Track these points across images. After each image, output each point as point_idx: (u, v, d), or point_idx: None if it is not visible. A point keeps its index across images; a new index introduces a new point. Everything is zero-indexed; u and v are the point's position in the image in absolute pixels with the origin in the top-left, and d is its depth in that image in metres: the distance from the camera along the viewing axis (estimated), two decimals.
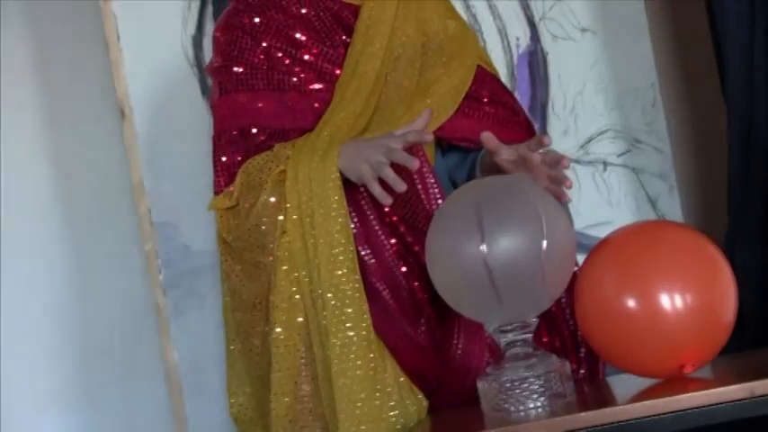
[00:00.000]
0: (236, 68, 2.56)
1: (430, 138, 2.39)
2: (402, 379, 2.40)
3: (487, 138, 2.44)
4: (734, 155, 3.07)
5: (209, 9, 3.25)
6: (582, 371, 2.53)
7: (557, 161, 2.40)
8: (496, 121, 2.64)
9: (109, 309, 3.39)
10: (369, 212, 2.44)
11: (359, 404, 2.32)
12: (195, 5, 3.27)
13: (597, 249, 2.25)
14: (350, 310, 2.34)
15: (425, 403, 2.41)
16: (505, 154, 2.46)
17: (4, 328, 3.36)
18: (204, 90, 3.19)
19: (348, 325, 2.34)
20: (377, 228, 2.44)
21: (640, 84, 3.33)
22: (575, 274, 2.31)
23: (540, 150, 2.42)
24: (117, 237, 3.38)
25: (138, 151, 3.20)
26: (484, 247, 2.14)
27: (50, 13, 3.41)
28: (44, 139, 3.42)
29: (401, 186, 2.34)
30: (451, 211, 2.23)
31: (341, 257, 2.35)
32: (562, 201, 2.40)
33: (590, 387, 2.44)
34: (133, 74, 3.20)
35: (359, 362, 2.33)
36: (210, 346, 3.08)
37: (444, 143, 2.62)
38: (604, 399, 2.34)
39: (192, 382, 3.16)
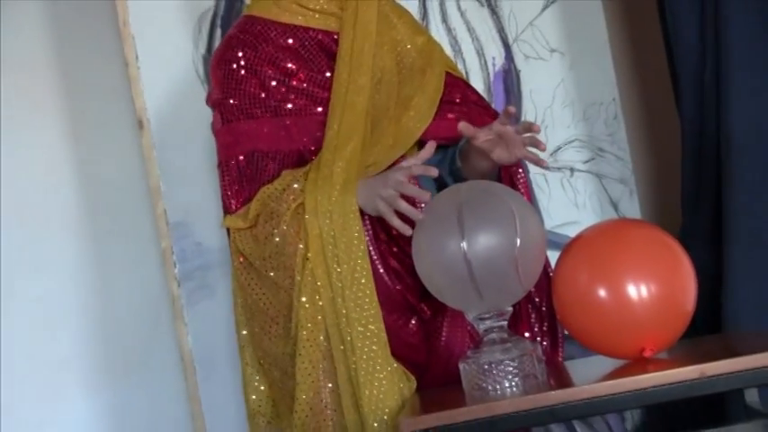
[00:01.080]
0: (234, 100, 2.55)
1: (435, 172, 2.35)
2: (395, 365, 2.40)
3: (465, 127, 2.43)
4: (687, 162, 3.08)
5: (218, 32, 3.24)
6: (545, 342, 2.54)
7: (528, 127, 2.40)
8: (470, 118, 2.60)
9: (129, 300, 3.39)
10: (365, 236, 2.42)
11: (386, 410, 2.33)
12: (205, 28, 3.26)
13: (572, 245, 2.27)
14: (372, 327, 2.35)
15: (414, 384, 2.42)
16: (482, 136, 2.44)
17: (36, 318, 3.37)
18: None
19: (375, 340, 2.35)
20: (370, 248, 2.43)
21: (603, 99, 3.31)
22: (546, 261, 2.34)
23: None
24: (136, 235, 3.37)
25: (155, 158, 3.18)
26: (464, 244, 2.16)
27: (75, 36, 3.40)
28: (70, 148, 3.41)
29: (418, 215, 2.31)
30: (435, 212, 2.25)
31: (363, 281, 2.36)
32: (542, 165, 2.40)
33: (559, 369, 2.45)
34: (150, 89, 3.20)
35: (384, 373, 2.34)
36: (221, 333, 3.08)
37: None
38: (572, 379, 2.36)
39: (204, 365, 3.15)
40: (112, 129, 3.39)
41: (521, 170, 2.60)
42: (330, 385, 2.38)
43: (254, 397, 2.53)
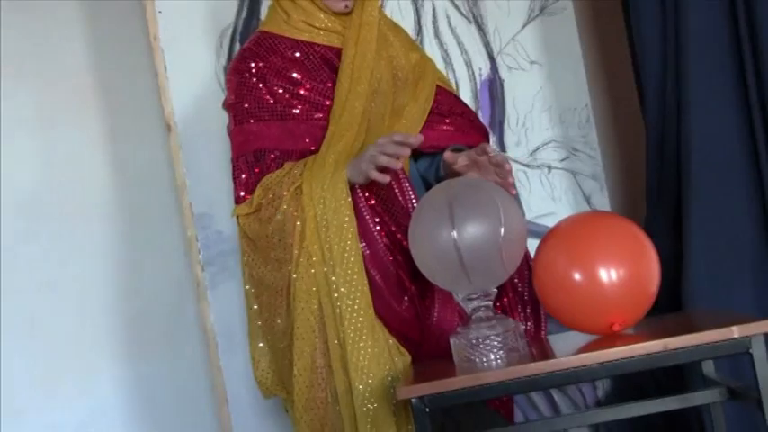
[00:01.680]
0: (246, 104, 2.57)
1: (414, 141, 2.37)
2: (391, 341, 2.41)
3: (447, 156, 2.47)
4: (651, 161, 3.08)
5: (237, 45, 3.23)
6: (529, 323, 2.55)
7: (500, 163, 2.43)
8: (457, 129, 2.64)
9: (158, 282, 3.39)
10: (365, 213, 2.43)
11: (371, 375, 2.34)
12: (226, 42, 3.25)
13: (550, 234, 2.27)
14: (359, 301, 2.35)
15: (409, 359, 2.42)
16: (461, 161, 2.48)
17: (74, 299, 3.37)
18: None
19: (361, 313, 2.35)
20: (371, 225, 2.44)
21: (577, 105, 3.31)
22: (526, 253, 2.34)
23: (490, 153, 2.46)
24: (164, 225, 3.38)
25: (181, 157, 3.17)
26: (454, 234, 2.17)
27: (112, 48, 3.42)
28: (106, 148, 3.41)
29: (397, 164, 2.35)
30: (429, 206, 2.25)
31: (352, 259, 2.36)
32: (511, 192, 2.41)
33: (538, 343, 2.45)
34: (177, 96, 3.18)
35: (369, 341, 2.35)
36: (239, 311, 3.05)
37: (416, 152, 2.62)
38: (549, 352, 2.35)
39: (224, 340, 3.14)
40: (144, 131, 3.40)
41: None
42: (323, 348, 2.39)
43: (261, 367, 2.54)
